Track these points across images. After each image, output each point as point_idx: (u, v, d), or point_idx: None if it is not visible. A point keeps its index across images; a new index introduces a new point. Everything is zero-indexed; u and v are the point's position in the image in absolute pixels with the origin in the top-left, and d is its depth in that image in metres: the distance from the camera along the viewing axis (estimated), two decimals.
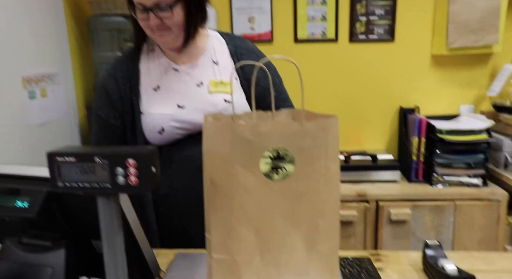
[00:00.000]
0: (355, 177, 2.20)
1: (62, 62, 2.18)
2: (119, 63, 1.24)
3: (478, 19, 2.22)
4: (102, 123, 1.24)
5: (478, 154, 2.05)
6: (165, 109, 1.17)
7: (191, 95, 1.19)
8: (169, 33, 1.13)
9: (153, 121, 1.17)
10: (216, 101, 1.18)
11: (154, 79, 1.21)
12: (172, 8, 1.08)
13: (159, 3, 1.07)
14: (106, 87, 1.22)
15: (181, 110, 1.17)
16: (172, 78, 1.21)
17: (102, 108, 1.23)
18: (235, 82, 1.22)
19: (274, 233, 0.75)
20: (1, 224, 0.89)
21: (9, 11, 1.77)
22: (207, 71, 1.22)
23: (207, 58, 1.23)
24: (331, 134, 0.71)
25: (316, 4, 2.39)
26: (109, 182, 0.65)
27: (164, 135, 1.17)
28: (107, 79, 1.23)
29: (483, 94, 2.42)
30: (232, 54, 1.25)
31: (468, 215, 2.01)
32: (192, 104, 1.18)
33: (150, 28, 1.12)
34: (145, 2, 1.07)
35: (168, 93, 1.19)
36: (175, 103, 1.18)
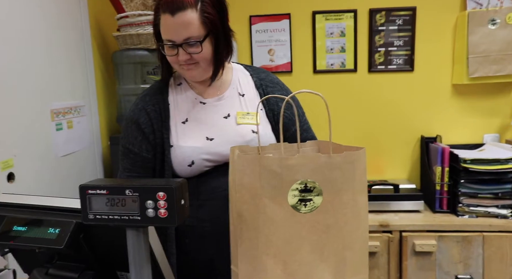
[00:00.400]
0: (377, 206, 2.17)
1: (88, 95, 2.25)
2: (148, 97, 1.26)
3: (499, 49, 2.22)
4: (134, 158, 1.23)
5: (506, 184, 2.00)
6: (195, 142, 1.18)
7: (219, 127, 1.20)
8: (197, 67, 1.16)
9: (183, 154, 1.17)
10: (244, 132, 1.20)
11: (182, 112, 1.23)
12: (201, 44, 1.11)
13: (188, 39, 1.10)
14: (138, 121, 1.22)
15: (210, 143, 1.18)
16: (200, 111, 1.23)
17: (134, 142, 1.22)
18: (261, 113, 1.24)
19: (301, 266, 0.74)
20: (30, 255, 0.90)
21: (40, 46, 1.85)
22: (233, 103, 1.24)
23: (233, 91, 1.26)
24: (358, 167, 0.71)
25: (335, 36, 2.43)
26: (138, 215, 0.66)
27: (193, 168, 1.18)
28: (138, 113, 1.23)
29: (507, 123, 2.38)
30: (257, 86, 1.27)
31: (498, 248, 1.94)
32: (221, 136, 1.19)
33: (178, 63, 1.16)
34: (175, 38, 1.11)
35: (197, 126, 1.21)
36: (204, 136, 1.19)
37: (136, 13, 2.17)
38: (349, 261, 0.73)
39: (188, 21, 1.09)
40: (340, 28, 2.42)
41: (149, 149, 1.22)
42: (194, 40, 1.10)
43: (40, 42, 1.85)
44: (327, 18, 2.42)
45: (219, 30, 1.14)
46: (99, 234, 0.85)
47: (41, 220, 0.85)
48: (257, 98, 1.25)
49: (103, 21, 2.42)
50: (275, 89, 1.28)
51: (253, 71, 1.31)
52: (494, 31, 2.21)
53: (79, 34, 2.18)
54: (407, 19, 2.38)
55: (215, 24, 1.12)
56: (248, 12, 2.46)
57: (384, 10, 2.38)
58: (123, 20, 2.20)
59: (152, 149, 1.22)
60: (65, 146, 2.01)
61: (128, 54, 2.22)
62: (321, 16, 2.42)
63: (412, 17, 2.37)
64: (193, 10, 1.09)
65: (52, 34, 1.94)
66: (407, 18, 2.38)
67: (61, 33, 2.01)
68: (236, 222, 0.74)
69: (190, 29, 1.09)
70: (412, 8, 2.36)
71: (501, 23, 2.20)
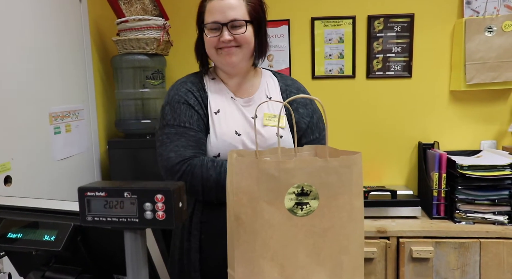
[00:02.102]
0: (374, 212, 2.17)
1: (87, 99, 2.25)
2: (190, 84, 1.27)
3: (495, 56, 2.23)
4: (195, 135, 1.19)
5: (502, 190, 2.01)
6: (226, 136, 1.20)
7: (248, 125, 1.23)
8: (238, 52, 1.20)
9: (214, 144, 1.18)
10: (269, 134, 1.22)
11: (215, 103, 1.26)
12: (247, 26, 1.18)
13: (234, 19, 1.17)
14: (189, 102, 1.22)
15: (238, 138, 1.21)
16: (232, 105, 1.26)
17: (191, 121, 1.20)
18: (284, 118, 1.27)
19: (298, 270, 0.74)
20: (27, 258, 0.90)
21: (39, 50, 1.86)
22: (262, 105, 1.26)
23: (262, 94, 1.30)
24: (355, 171, 0.72)
25: (333, 42, 2.44)
26: (137, 217, 0.66)
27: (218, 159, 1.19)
28: (185, 95, 1.23)
29: (504, 130, 2.40)
30: (282, 91, 1.32)
31: (495, 254, 1.95)
32: (248, 134, 1.22)
33: (218, 46, 1.20)
34: (221, 18, 1.17)
35: (228, 118, 1.23)
36: (234, 129, 1.22)
37: (136, 18, 2.19)
38: (345, 264, 0.74)
39: (235, 3, 1.18)
40: (338, 34, 2.44)
41: (203, 129, 1.21)
42: (240, 20, 1.17)
43: (39, 46, 1.86)
44: (325, 25, 2.44)
45: (261, 23, 1.23)
46: (97, 236, 0.85)
47: (38, 223, 0.85)
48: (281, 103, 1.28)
49: (103, 25, 2.43)
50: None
51: (280, 77, 1.36)
52: (491, 38, 2.23)
53: (78, 38, 2.18)
54: (405, 26, 2.39)
55: (258, 15, 1.22)
56: None
57: (382, 17, 2.40)
58: (123, 24, 2.21)
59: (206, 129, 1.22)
60: (63, 150, 2.01)
61: (127, 58, 2.23)
62: (320, 23, 2.44)
63: (410, 24, 2.39)
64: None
65: (52, 38, 1.95)
66: (405, 25, 2.39)
67: (61, 37, 2.02)
68: (234, 225, 0.74)
69: (237, 11, 1.17)
70: (410, 15, 2.38)
71: (498, 31, 2.22)
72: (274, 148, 0.79)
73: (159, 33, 2.22)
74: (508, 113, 2.39)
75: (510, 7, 2.29)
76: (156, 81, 2.29)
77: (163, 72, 2.34)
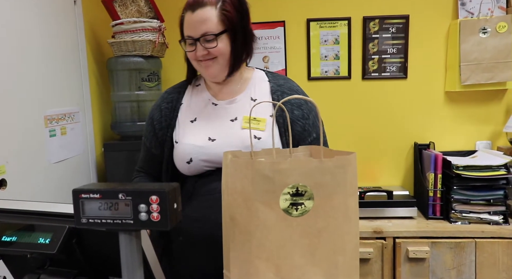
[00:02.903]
0: (370, 213, 2.17)
1: (82, 101, 2.24)
2: (166, 95, 1.34)
3: (490, 57, 2.25)
4: (147, 151, 1.35)
5: (497, 190, 2.02)
6: (196, 141, 1.21)
7: (224, 129, 1.22)
8: (215, 63, 1.20)
9: (184, 151, 1.22)
10: (245, 137, 1.20)
11: (193, 112, 1.27)
12: (218, 38, 1.16)
13: (205, 34, 1.15)
14: (153, 117, 1.31)
15: (211, 143, 1.20)
16: (210, 112, 1.26)
17: (148, 137, 1.33)
18: (270, 120, 1.23)
19: (293, 270, 0.74)
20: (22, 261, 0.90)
21: (34, 52, 1.85)
22: (244, 107, 1.25)
23: (246, 95, 1.28)
24: (349, 171, 0.72)
25: (329, 43, 2.45)
26: (131, 218, 0.66)
27: (191, 166, 1.21)
28: (154, 110, 1.32)
29: (499, 130, 2.41)
30: (273, 91, 1.27)
31: (490, 254, 1.95)
32: (223, 138, 1.21)
33: (197, 59, 1.21)
34: (193, 33, 1.17)
35: (203, 125, 1.24)
36: (207, 136, 1.22)
37: (131, 20, 2.18)
38: (341, 265, 0.74)
39: (206, 17, 1.15)
40: (334, 35, 2.44)
41: (157, 145, 1.30)
42: (210, 34, 1.15)
43: (34, 48, 1.85)
44: (321, 26, 2.45)
45: (237, 29, 1.19)
46: (92, 238, 0.85)
47: (33, 225, 0.84)
48: (270, 104, 1.25)
49: (98, 27, 2.42)
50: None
51: (272, 77, 1.32)
52: (485, 39, 2.25)
53: (74, 40, 2.18)
54: (400, 27, 2.41)
55: (233, 22, 1.18)
56: None
57: (377, 18, 2.41)
58: (118, 27, 2.21)
59: (160, 145, 1.30)
60: (59, 153, 2.01)
61: (123, 61, 2.23)
62: (316, 24, 2.44)
63: (405, 25, 2.40)
64: (213, 8, 1.16)
65: (47, 40, 1.95)
66: (401, 26, 2.40)
67: (56, 40, 2.02)
68: (229, 226, 0.74)
69: (207, 24, 1.15)
70: (405, 16, 2.39)
71: (492, 32, 2.24)
72: (269, 149, 0.80)
73: (155, 35, 2.22)
74: (502, 113, 2.40)
75: (504, 9, 2.30)
76: (151, 83, 2.29)
77: (158, 74, 2.34)
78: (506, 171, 2.01)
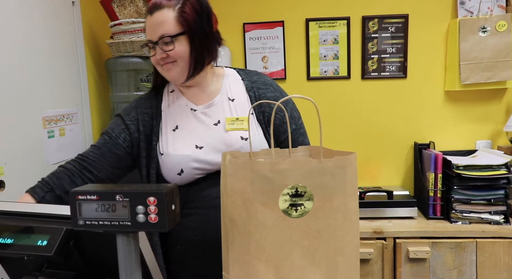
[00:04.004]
0: (370, 213, 2.17)
1: (81, 102, 2.24)
2: (144, 100, 1.28)
3: (489, 56, 2.24)
4: (108, 140, 1.24)
5: (498, 190, 2.01)
6: (184, 150, 1.17)
7: (209, 135, 1.20)
8: (175, 66, 1.16)
9: (172, 162, 1.17)
10: (232, 139, 1.18)
11: (173, 119, 1.23)
12: (175, 40, 1.13)
13: (162, 36, 1.13)
14: (124, 117, 1.25)
15: (199, 151, 1.17)
16: (191, 119, 1.22)
17: (115, 128, 1.24)
18: (251, 117, 1.21)
19: (293, 271, 0.73)
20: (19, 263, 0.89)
21: (32, 53, 1.84)
22: (223, 109, 1.23)
23: (223, 97, 1.25)
24: (349, 171, 0.71)
25: (328, 43, 2.44)
26: (129, 220, 0.66)
27: (183, 176, 1.17)
28: (128, 110, 1.26)
29: (499, 129, 2.40)
30: (248, 89, 1.25)
31: (491, 254, 1.95)
32: (210, 144, 1.18)
33: (159, 63, 1.18)
34: (152, 36, 1.14)
35: (187, 134, 1.20)
36: (194, 144, 1.18)
37: (130, 21, 2.18)
38: (341, 266, 0.73)
39: (163, 19, 1.13)
40: (333, 35, 2.44)
41: (127, 140, 1.23)
42: (167, 36, 1.12)
43: (32, 49, 1.85)
44: (320, 26, 2.44)
45: (196, 31, 1.15)
46: (89, 240, 0.84)
47: (30, 227, 0.83)
48: (248, 102, 1.24)
49: (97, 28, 2.42)
50: (268, 91, 1.26)
51: (245, 75, 1.29)
52: (485, 38, 2.24)
53: (72, 41, 2.17)
54: (399, 27, 2.40)
55: (191, 24, 1.14)
56: (241, 19, 2.47)
57: (376, 18, 2.40)
58: (117, 27, 2.20)
59: (130, 143, 1.23)
60: (57, 154, 2.00)
61: (121, 61, 2.22)
62: (315, 24, 2.44)
63: (405, 25, 2.39)
64: (170, 10, 1.13)
65: (45, 41, 1.94)
66: (400, 26, 2.40)
67: (54, 40, 2.01)
68: (228, 227, 0.73)
69: (165, 26, 1.12)
70: (404, 15, 2.39)
71: (492, 31, 2.23)
72: (268, 149, 0.79)
73: None
74: (503, 113, 2.40)
75: (503, 7, 2.30)
76: (150, 83, 2.27)
77: None
78: (507, 170, 2.00)
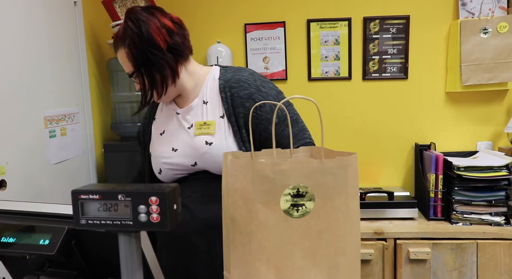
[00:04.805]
0: (371, 214, 2.17)
1: (82, 102, 2.24)
2: (146, 109, 1.40)
3: (491, 57, 2.24)
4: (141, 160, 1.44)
5: (499, 191, 2.01)
6: (162, 152, 1.25)
7: (182, 138, 1.23)
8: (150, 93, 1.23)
9: (154, 163, 1.29)
10: (198, 144, 1.18)
11: (162, 124, 1.31)
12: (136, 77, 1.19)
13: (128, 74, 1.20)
14: (138, 130, 1.41)
15: (174, 153, 1.23)
16: (175, 122, 1.27)
17: (140, 148, 1.42)
18: (219, 121, 1.18)
19: (294, 271, 0.73)
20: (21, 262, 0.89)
21: (34, 52, 1.85)
22: (197, 113, 1.23)
23: (200, 100, 1.23)
24: (350, 172, 0.71)
25: (329, 44, 2.45)
26: (131, 219, 0.66)
27: (163, 175, 1.26)
28: (141, 124, 1.41)
29: (500, 130, 2.40)
30: (221, 89, 1.20)
31: (492, 255, 1.95)
32: (182, 148, 1.22)
33: None
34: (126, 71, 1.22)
35: (169, 137, 1.27)
36: (171, 147, 1.24)
37: None
38: (342, 266, 0.73)
39: (121, 59, 1.19)
40: (334, 36, 2.44)
41: (144, 157, 1.39)
42: (129, 75, 1.19)
43: (34, 49, 1.85)
44: (321, 27, 2.44)
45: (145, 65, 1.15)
46: (91, 240, 0.85)
47: (32, 226, 0.84)
48: (219, 103, 1.20)
49: (98, 28, 2.42)
50: (240, 89, 1.18)
51: (223, 73, 1.24)
52: (486, 40, 2.24)
53: (74, 41, 2.18)
54: (400, 28, 2.40)
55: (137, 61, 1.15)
56: (243, 20, 2.48)
57: (378, 19, 2.40)
58: (118, 27, 2.20)
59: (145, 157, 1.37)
60: (58, 153, 2.00)
61: None
62: (316, 24, 2.44)
63: (406, 26, 2.39)
64: (122, 48, 1.16)
65: (47, 41, 1.94)
66: (401, 27, 2.40)
67: (56, 41, 2.01)
68: (229, 227, 0.74)
69: (125, 65, 1.20)
70: (405, 17, 2.39)
71: (493, 32, 2.23)
72: (270, 149, 0.79)
73: None
74: (504, 114, 2.40)
75: (504, 9, 2.30)
76: None
77: None
78: (508, 172, 2.00)
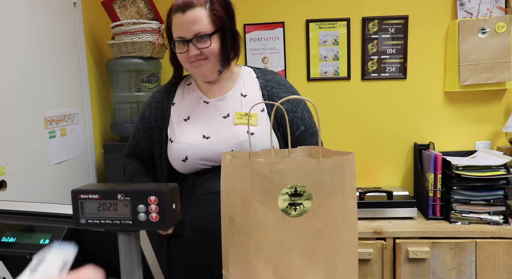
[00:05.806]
0: (370, 214, 2.17)
1: (82, 103, 2.25)
2: (157, 94, 1.35)
3: (489, 57, 2.25)
4: (136, 144, 1.38)
5: (497, 190, 2.02)
6: (191, 139, 1.23)
7: (217, 126, 1.24)
8: (206, 63, 1.21)
9: (179, 149, 1.23)
10: (239, 133, 1.21)
11: (186, 110, 1.29)
12: (211, 38, 1.17)
13: (198, 34, 1.16)
14: (143, 114, 1.35)
15: (206, 141, 1.22)
16: (202, 110, 1.27)
17: (139, 131, 1.36)
18: (261, 114, 1.24)
19: (292, 270, 0.74)
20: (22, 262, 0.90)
21: (34, 53, 1.85)
22: (234, 103, 1.26)
23: (236, 92, 1.28)
24: (348, 171, 0.72)
25: (328, 44, 2.45)
26: (130, 219, 0.66)
27: (187, 164, 1.23)
28: (145, 107, 1.35)
29: (499, 130, 2.41)
30: (262, 87, 1.28)
31: (491, 254, 1.95)
32: (217, 135, 1.22)
33: (188, 60, 1.21)
34: (185, 34, 1.17)
35: (197, 124, 1.25)
36: (201, 134, 1.23)
37: (131, 22, 2.19)
38: (339, 265, 0.74)
39: (197, 17, 1.16)
40: (333, 36, 2.45)
41: (147, 141, 1.34)
42: (203, 34, 1.16)
43: (34, 50, 1.86)
44: (320, 27, 2.45)
45: (226, 28, 1.21)
46: (91, 239, 0.85)
47: (32, 226, 0.84)
48: (260, 99, 1.26)
49: (98, 29, 2.43)
50: (281, 90, 1.28)
51: (260, 73, 1.33)
52: (484, 39, 2.25)
53: (73, 42, 2.18)
54: (399, 28, 2.41)
55: (223, 22, 1.19)
56: (242, 20, 2.48)
57: (376, 19, 2.41)
58: (118, 28, 2.21)
59: (149, 142, 1.33)
60: (58, 154, 2.01)
61: (122, 62, 2.23)
62: (315, 25, 2.45)
63: (405, 26, 2.40)
64: (203, 8, 1.17)
65: (47, 42, 1.95)
66: (400, 27, 2.41)
67: (56, 41, 2.02)
68: (228, 226, 0.74)
69: (200, 24, 1.16)
70: (404, 17, 2.40)
71: (491, 32, 2.24)
72: (267, 149, 0.80)
73: (154, 37, 2.22)
74: (502, 113, 2.41)
75: (502, 9, 2.30)
76: (151, 84, 2.29)
77: (158, 76, 2.34)
78: (506, 171, 2.00)
